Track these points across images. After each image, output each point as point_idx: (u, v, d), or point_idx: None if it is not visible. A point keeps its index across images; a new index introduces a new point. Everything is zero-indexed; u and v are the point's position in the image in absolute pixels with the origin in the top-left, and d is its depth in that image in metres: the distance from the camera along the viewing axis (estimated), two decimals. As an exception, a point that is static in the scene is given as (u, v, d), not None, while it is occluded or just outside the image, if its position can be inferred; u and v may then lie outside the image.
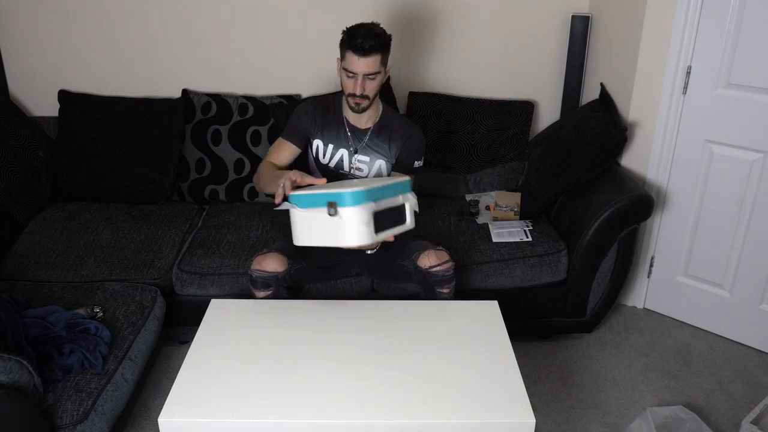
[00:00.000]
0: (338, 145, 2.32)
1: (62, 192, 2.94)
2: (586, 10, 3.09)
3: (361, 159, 2.32)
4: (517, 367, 1.78)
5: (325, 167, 2.35)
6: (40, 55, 3.07)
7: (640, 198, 2.50)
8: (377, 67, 2.15)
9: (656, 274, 2.94)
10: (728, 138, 2.58)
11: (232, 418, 1.61)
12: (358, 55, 2.11)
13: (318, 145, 2.33)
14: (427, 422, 1.62)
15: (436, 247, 2.23)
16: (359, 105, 2.20)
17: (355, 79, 2.15)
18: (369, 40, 2.10)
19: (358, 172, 2.33)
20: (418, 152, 2.34)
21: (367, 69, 2.13)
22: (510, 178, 3.03)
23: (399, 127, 2.33)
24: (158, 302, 2.34)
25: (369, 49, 2.10)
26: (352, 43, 2.11)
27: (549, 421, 2.33)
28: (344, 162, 2.33)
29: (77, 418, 1.82)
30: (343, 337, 1.89)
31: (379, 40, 2.12)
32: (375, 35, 2.11)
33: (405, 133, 2.32)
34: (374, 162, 2.33)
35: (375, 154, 2.32)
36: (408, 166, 2.33)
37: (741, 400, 2.46)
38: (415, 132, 2.34)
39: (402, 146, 2.31)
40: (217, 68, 3.11)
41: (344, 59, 2.17)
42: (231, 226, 2.75)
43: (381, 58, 2.15)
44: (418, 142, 2.34)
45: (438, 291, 2.21)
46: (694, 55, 2.58)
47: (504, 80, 3.19)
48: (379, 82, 2.20)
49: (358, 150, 2.32)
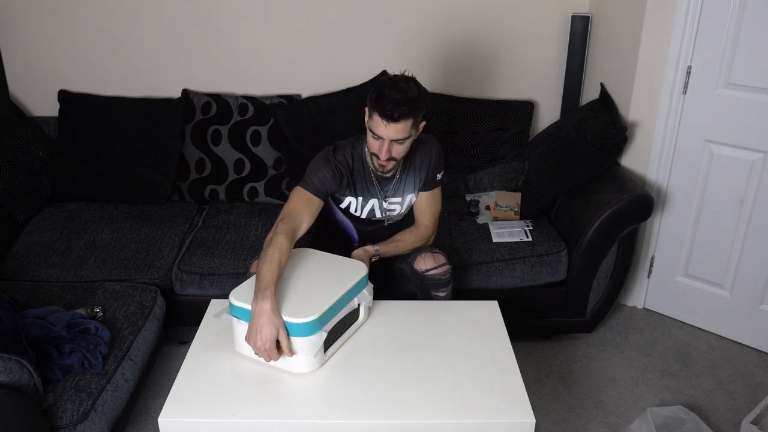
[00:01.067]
0: (368, 197, 2.17)
1: (62, 192, 2.94)
2: (586, 10, 3.09)
3: (392, 201, 2.20)
4: (517, 367, 1.78)
5: (358, 218, 2.24)
6: (40, 55, 3.07)
7: (640, 198, 2.50)
8: (408, 132, 1.93)
9: (656, 274, 2.94)
10: (728, 138, 2.58)
11: (232, 418, 1.61)
12: (387, 121, 1.89)
13: (351, 201, 2.17)
14: (427, 422, 1.62)
15: (433, 250, 2.21)
16: (384, 168, 2.02)
17: (381, 142, 1.95)
18: (399, 106, 1.87)
19: (390, 213, 2.23)
20: (439, 164, 2.18)
21: (396, 135, 1.92)
22: (510, 178, 3.03)
23: (419, 150, 2.14)
24: (158, 302, 2.34)
25: (399, 117, 1.89)
26: (380, 108, 1.89)
27: (549, 421, 2.33)
28: (376, 210, 2.20)
29: (77, 418, 1.82)
30: (342, 337, 1.89)
31: (411, 105, 1.89)
32: (407, 100, 1.87)
33: (425, 154, 2.15)
34: (405, 199, 2.21)
35: (405, 192, 2.20)
36: (433, 181, 2.20)
37: (741, 400, 2.45)
38: (433, 146, 2.17)
39: (430, 166, 2.17)
40: (217, 68, 3.11)
41: (371, 118, 1.95)
42: (231, 226, 2.75)
43: (413, 122, 1.93)
44: (438, 153, 2.18)
45: (434, 294, 2.19)
46: (694, 55, 2.58)
47: (504, 80, 3.19)
48: (408, 145, 2.00)
49: (387, 196, 2.18)
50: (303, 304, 1.72)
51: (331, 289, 1.78)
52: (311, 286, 1.81)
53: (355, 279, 1.83)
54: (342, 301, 1.77)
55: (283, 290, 1.77)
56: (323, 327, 1.70)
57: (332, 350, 1.79)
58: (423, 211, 2.25)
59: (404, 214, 2.28)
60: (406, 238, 2.21)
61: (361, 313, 1.91)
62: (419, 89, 1.94)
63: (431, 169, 2.18)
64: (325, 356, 1.76)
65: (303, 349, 1.69)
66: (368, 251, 2.14)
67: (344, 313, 1.79)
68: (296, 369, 1.73)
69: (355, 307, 1.85)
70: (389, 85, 1.90)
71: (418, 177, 2.19)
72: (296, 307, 1.71)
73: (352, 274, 1.86)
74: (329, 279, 1.84)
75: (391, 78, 1.94)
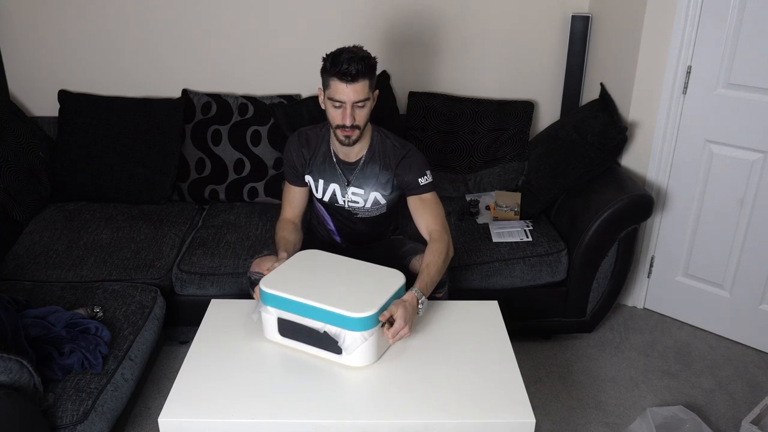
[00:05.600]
0: (329, 180, 2.17)
1: (62, 192, 2.94)
2: (586, 10, 3.09)
3: (355, 192, 2.17)
4: (517, 367, 1.78)
5: (321, 201, 2.25)
6: (40, 55, 3.07)
7: (640, 198, 2.50)
8: (366, 93, 1.97)
9: (656, 274, 2.94)
10: (728, 138, 2.59)
11: (232, 418, 1.61)
12: (345, 81, 1.92)
13: (309, 180, 2.21)
14: (427, 422, 1.62)
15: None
16: (350, 137, 2.02)
17: (343, 108, 1.97)
18: (355, 64, 1.91)
19: (353, 205, 2.20)
20: (419, 169, 2.11)
21: (356, 96, 1.94)
22: (510, 178, 3.03)
23: (391, 149, 2.13)
24: (158, 302, 2.34)
25: (356, 74, 1.92)
26: (337, 69, 1.92)
27: (549, 421, 2.33)
28: (337, 196, 2.19)
29: (77, 418, 1.82)
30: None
31: (365, 63, 1.94)
32: (361, 58, 1.93)
33: (397, 154, 2.12)
34: (369, 194, 2.17)
35: (369, 185, 2.17)
36: (416, 186, 2.12)
37: (741, 400, 2.46)
38: (409, 149, 2.14)
39: (397, 168, 2.12)
40: (217, 68, 3.11)
41: (329, 88, 1.98)
42: (231, 225, 2.75)
43: (369, 83, 1.97)
44: (417, 159, 2.12)
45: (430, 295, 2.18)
46: (694, 55, 2.58)
47: (504, 80, 3.20)
48: (369, 109, 2.03)
49: (350, 182, 2.17)
50: (360, 300, 1.75)
51: (380, 288, 1.82)
52: (359, 286, 1.84)
53: (397, 284, 1.86)
54: (389, 302, 1.80)
55: (335, 289, 1.81)
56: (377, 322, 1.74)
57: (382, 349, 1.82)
58: (423, 216, 2.14)
59: (374, 213, 2.23)
60: (430, 259, 2.02)
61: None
62: (369, 53, 2.00)
63: (403, 166, 2.11)
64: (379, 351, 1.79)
65: (359, 342, 1.71)
66: (412, 298, 1.89)
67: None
68: (353, 363, 1.75)
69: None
70: (340, 50, 1.97)
71: (385, 174, 2.14)
72: (355, 302, 1.74)
73: (393, 279, 1.88)
74: (372, 285, 1.86)
75: (339, 48, 1.99)
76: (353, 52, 1.95)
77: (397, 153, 2.13)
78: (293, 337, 1.81)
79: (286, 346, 1.83)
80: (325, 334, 1.74)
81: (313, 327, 1.75)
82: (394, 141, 2.15)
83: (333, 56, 1.96)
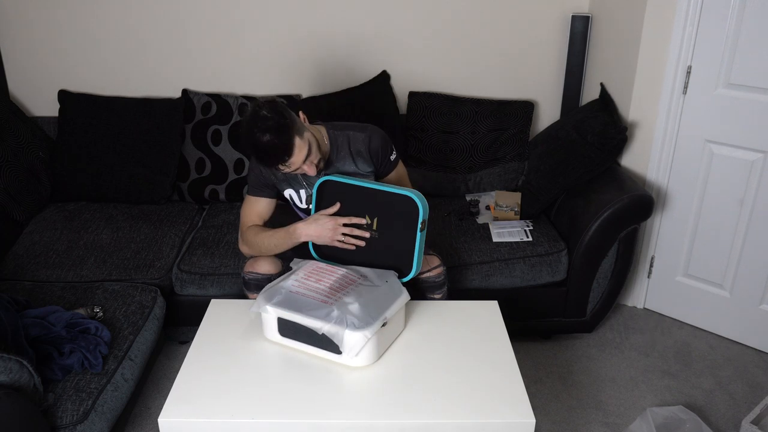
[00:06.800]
0: (312, 185, 2.14)
1: (62, 192, 2.94)
2: (586, 10, 3.09)
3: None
4: (517, 367, 1.78)
5: (306, 210, 2.22)
6: (40, 55, 3.07)
7: (640, 198, 2.50)
8: (304, 145, 1.90)
9: (656, 274, 2.94)
10: (728, 138, 2.58)
11: (232, 418, 1.61)
12: (282, 165, 1.91)
13: (290, 193, 2.18)
14: (427, 422, 1.62)
15: (427, 252, 2.19)
16: (323, 170, 2.05)
17: (300, 170, 1.95)
18: (276, 149, 1.85)
19: None
20: (384, 147, 2.13)
21: (299, 161, 1.90)
22: (510, 178, 3.03)
23: (353, 138, 2.11)
24: (158, 302, 2.34)
25: (284, 153, 1.86)
26: (266, 165, 1.93)
27: (549, 421, 2.33)
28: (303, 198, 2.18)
29: (77, 418, 1.82)
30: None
31: (282, 137, 1.84)
32: (276, 134, 1.83)
33: (361, 140, 2.11)
34: None
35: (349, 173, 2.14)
36: (387, 163, 2.16)
37: (741, 400, 2.46)
38: (370, 131, 2.13)
39: (369, 152, 2.12)
40: (217, 68, 3.11)
41: None
42: (231, 226, 2.75)
43: (297, 137, 1.88)
44: (379, 138, 2.12)
45: (429, 297, 2.18)
46: (694, 55, 2.58)
47: (504, 80, 3.19)
48: (317, 149, 1.95)
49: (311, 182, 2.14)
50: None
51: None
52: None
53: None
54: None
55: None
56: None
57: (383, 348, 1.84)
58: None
59: None
60: None
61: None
62: (275, 108, 1.88)
63: (372, 150, 2.12)
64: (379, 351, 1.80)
65: (360, 343, 1.73)
66: None
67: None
68: (353, 363, 1.76)
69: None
70: (260, 135, 1.84)
71: (360, 161, 2.12)
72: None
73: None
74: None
75: (246, 124, 1.87)
76: (265, 129, 1.83)
77: (358, 139, 2.11)
78: (293, 337, 1.81)
79: (286, 346, 1.84)
80: (324, 334, 1.74)
81: (313, 327, 1.75)
82: (352, 128, 2.13)
83: (255, 147, 1.87)
